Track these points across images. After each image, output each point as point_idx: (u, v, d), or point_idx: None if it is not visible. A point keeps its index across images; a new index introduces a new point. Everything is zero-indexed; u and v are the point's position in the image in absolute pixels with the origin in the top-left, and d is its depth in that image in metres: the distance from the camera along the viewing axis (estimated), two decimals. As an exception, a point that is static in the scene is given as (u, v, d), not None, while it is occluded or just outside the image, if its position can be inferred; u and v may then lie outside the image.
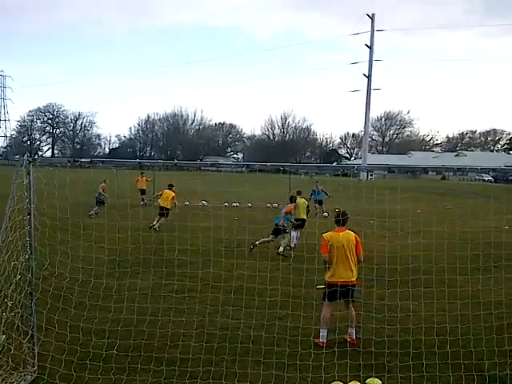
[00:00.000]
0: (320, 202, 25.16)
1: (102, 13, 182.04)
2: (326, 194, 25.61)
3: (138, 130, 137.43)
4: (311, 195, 24.84)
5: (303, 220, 16.51)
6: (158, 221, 18.96)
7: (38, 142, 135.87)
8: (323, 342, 7.51)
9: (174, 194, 19.86)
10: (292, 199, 15.86)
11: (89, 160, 7.26)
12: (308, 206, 17.58)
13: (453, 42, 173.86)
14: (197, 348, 7.11)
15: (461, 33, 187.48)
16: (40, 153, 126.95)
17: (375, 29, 78.60)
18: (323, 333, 7.60)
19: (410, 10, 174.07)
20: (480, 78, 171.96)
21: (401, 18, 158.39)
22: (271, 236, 14.74)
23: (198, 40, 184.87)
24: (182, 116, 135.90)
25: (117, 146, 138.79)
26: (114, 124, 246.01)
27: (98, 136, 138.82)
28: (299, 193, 17.63)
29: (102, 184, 22.34)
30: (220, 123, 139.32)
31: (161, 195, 20.08)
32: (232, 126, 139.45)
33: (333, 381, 6.33)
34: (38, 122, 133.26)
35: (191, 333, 7.59)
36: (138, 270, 9.81)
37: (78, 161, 7.11)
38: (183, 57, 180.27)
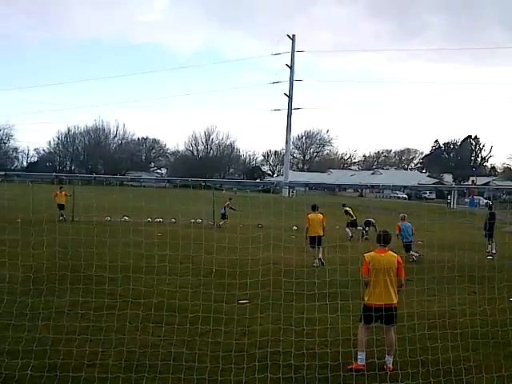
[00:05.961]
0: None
1: (14, 24, 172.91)
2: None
3: (57, 143, 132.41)
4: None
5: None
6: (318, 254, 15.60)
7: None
8: (363, 365, 7.22)
9: (322, 217, 16.10)
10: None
11: (3, 173, 6.96)
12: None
13: (369, 64, 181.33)
14: (116, 367, 6.93)
15: (376, 55, 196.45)
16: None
17: (295, 49, 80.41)
18: (361, 356, 7.34)
19: (329, 31, 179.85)
20: (394, 99, 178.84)
21: (320, 39, 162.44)
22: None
23: (119, 55, 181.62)
24: (103, 130, 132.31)
25: (35, 159, 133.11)
26: (32, 137, 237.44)
27: (16, 149, 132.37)
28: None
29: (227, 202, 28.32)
30: (143, 138, 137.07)
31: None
32: (155, 141, 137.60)
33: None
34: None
35: (110, 351, 7.40)
36: (54, 287, 9.45)
37: (-10, 174, 6.82)
38: (104, 71, 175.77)
